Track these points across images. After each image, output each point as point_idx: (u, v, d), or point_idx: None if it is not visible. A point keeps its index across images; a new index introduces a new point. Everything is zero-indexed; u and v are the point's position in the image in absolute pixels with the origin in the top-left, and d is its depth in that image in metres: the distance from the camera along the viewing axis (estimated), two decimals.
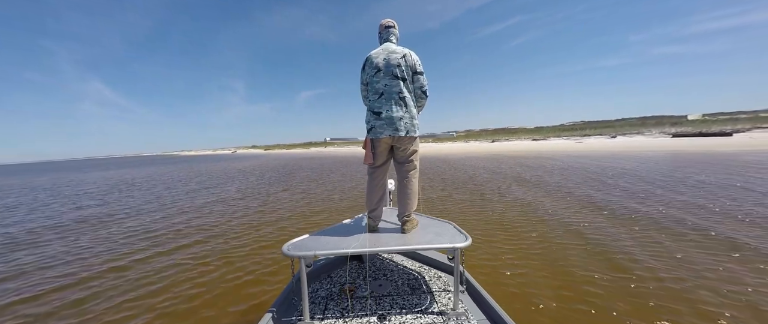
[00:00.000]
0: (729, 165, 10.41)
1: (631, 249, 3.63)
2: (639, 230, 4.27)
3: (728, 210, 4.96)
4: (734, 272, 2.96)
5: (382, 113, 2.03)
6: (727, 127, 34.17)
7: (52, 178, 21.73)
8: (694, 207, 5.26)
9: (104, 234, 5.50)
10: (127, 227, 5.92)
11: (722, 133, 26.67)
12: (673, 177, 8.52)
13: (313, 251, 1.70)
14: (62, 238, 5.37)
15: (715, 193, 6.23)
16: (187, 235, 5.15)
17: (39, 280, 3.55)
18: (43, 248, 4.79)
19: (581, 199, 6.36)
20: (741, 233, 3.92)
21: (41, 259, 4.29)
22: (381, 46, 2.16)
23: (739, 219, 4.49)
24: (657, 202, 5.78)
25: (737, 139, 22.71)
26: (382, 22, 2.22)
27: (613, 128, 47.66)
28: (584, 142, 32.02)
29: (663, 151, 18.14)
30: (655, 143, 24.36)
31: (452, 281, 1.87)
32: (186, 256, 4.15)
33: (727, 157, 13.09)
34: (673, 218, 4.71)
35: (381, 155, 2.13)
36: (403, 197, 2.12)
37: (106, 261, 4.10)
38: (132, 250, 4.52)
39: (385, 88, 2.04)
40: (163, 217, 6.75)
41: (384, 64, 2.04)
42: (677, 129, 37.28)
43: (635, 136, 34.16)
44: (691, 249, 3.55)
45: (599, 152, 19.76)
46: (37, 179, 22.01)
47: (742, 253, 3.34)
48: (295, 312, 1.87)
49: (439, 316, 1.73)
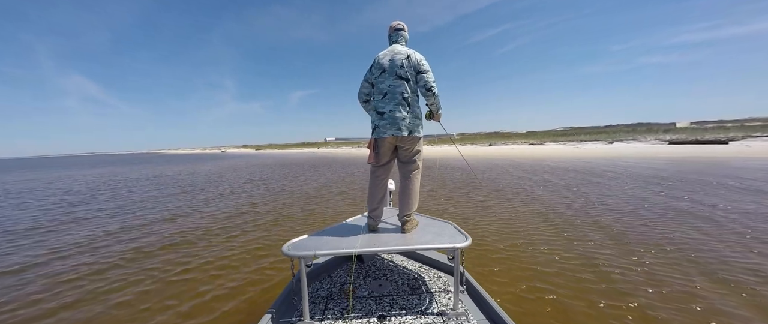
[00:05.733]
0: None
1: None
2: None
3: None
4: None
5: (385, 113, 2.05)
6: (717, 135, 34.40)
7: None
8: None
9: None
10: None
11: (718, 141, 26.86)
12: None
13: (313, 251, 1.70)
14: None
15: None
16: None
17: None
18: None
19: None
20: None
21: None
22: (389, 48, 2.18)
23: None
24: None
25: (734, 147, 22.82)
26: (392, 24, 2.26)
27: (606, 134, 47.74)
28: (582, 147, 32.09)
29: (696, 157, 16.20)
30: (661, 150, 23.41)
31: (452, 281, 1.87)
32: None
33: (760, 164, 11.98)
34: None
35: (384, 155, 2.15)
36: (404, 197, 2.14)
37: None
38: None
39: (389, 89, 2.05)
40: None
41: (389, 65, 2.06)
42: (671, 136, 37.54)
43: (632, 143, 34.29)
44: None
45: (630, 157, 18.13)
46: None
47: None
48: (295, 312, 1.86)
49: (439, 317, 1.73)
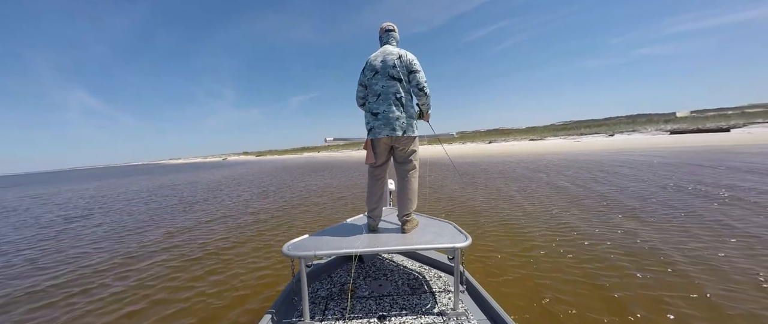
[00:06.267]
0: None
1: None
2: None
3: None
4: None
5: (379, 114, 2.05)
6: (717, 123, 34.16)
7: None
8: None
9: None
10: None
11: (720, 129, 26.73)
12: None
13: (313, 251, 1.70)
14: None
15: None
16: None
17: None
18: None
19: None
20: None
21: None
22: (380, 49, 2.19)
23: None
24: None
25: (735, 134, 22.62)
26: (383, 25, 2.26)
27: (606, 127, 47.45)
28: (582, 140, 31.98)
29: (696, 147, 16.05)
30: (662, 140, 22.96)
31: (452, 281, 1.87)
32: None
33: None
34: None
35: (381, 155, 2.16)
36: (403, 197, 2.14)
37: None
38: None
39: (382, 90, 2.06)
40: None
41: (381, 66, 2.07)
42: (672, 126, 37.30)
43: (633, 134, 34.14)
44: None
45: (632, 150, 17.89)
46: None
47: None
48: (295, 312, 1.86)
49: (439, 317, 1.73)
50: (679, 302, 2.45)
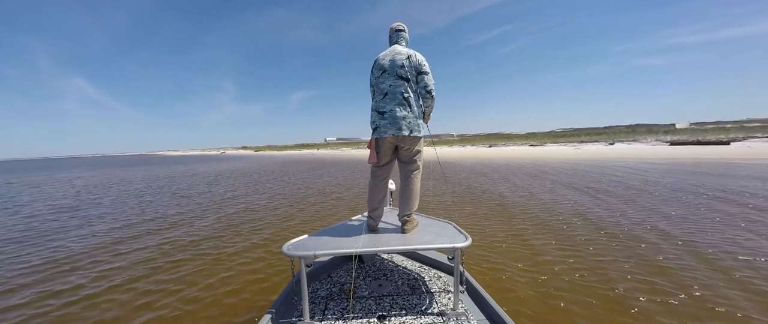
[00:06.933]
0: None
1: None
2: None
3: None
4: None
5: (385, 113, 2.05)
6: (717, 136, 34.24)
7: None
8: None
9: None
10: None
11: (719, 142, 26.79)
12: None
13: (313, 251, 1.69)
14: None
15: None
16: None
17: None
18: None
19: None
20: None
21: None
22: (389, 48, 2.19)
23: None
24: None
25: (735, 148, 22.55)
26: (393, 25, 2.27)
27: (606, 136, 47.48)
28: (582, 148, 31.97)
29: (710, 160, 15.01)
30: (664, 151, 22.68)
31: (452, 281, 1.87)
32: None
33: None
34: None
35: (385, 155, 2.15)
36: (405, 197, 2.14)
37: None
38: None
39: (389, 89, 2.05)
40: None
41: (389, 65, 2.07)
42: (672, 137, 37.42)
43: (633, 143, 34.20)
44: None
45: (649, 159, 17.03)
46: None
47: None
48: (295, 312, 1.86)
49: (439, 317, 1.73)
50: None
